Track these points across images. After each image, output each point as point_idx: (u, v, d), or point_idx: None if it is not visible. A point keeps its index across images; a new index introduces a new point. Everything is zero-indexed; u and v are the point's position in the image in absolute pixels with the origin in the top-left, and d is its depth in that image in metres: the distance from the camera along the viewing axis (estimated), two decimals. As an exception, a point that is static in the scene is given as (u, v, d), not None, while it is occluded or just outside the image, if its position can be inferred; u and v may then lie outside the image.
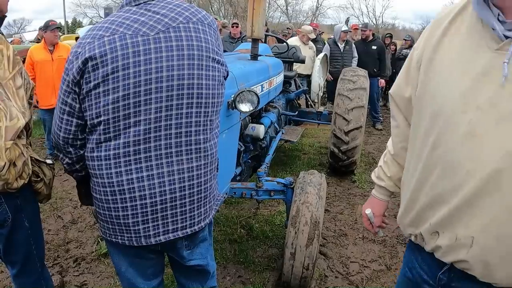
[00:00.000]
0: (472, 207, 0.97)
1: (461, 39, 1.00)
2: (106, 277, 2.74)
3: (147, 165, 1.29)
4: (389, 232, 3.50)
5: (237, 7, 26.62)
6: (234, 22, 7.48)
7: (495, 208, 0.93)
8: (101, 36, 1.24)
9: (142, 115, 1.26)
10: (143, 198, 1.30)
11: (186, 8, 1.34)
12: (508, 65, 0.87)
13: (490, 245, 0.97)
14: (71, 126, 1.32)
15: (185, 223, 1.39)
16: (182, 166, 1.33)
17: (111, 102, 1.23)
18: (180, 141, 1.32)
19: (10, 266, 1.70)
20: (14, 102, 1.38)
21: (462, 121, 0.95)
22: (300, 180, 2.57)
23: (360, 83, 4.55)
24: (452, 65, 1.00)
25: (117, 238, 1.38)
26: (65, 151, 1.38)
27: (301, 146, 6.10)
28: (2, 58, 1.38)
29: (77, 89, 1.26)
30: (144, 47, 1.24)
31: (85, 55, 1.22)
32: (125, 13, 1.30)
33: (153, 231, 1.35)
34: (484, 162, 0.92)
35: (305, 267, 2.31)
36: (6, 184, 1.40)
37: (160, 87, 1.25)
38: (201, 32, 1.32)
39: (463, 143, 0.95)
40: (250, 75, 2.81)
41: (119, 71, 1.22)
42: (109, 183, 1.30)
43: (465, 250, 1.01)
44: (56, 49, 4.83)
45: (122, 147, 1.27)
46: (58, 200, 3.93)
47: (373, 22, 34.91)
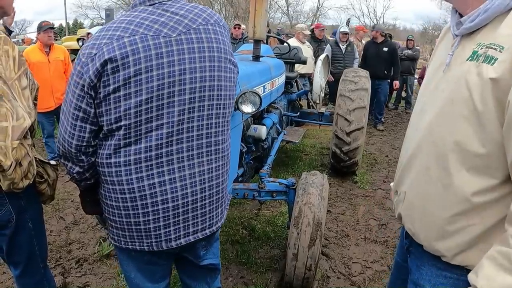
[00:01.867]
0: (409, 167, 1.20)
1: (443, 46, 1.23)
2: (109, 278, 2.74)
3: (169, 168, 1.27)
4: (391, 232, 3.49)
5: (238, 8, 26.64)
6: (236, 23, 7.49)
7: (417, 167, 1.15)
8: (119, 37, 1.17)
9: (165, 118, 1.23)
10: (165, 202, 1.29)
11: (203, 10, 1.35)
12: (452, 56, 1.08)
13: (413, 200, 1.18)
14: (85, 133, 1.24)
15: (205, 224, 1.40)
16: (203, 168, 1.33)
17: (133, 106, 1.18)
18: (202, 142, 1.32)
19: (13, 266, 1.70)
20: (20, 102, 1.38)
21: (420, 102, 1.23)
22: (302, 181, 2.57)
23: (362, 84, 4.55)
24: (431, 64, 1.25)
25: (134, 245, 1.35)
26: (76, 159, 1.30)
27: (303, 147, 6.10)
28: (8, 59, 1.38)
29: (92, 93, 1.18)
30: (167, 48, 1.21)
31: (104, 57, 1.14)
32: (141, 13, 1.25)
33: (174, 235, 1.34)
34: (418, 130, 1.16)
35: (307, 267, 2.31)
36: (12, 183, 1.40)
37: (184, 90, 1.24)
38: (218, 33, 1.33)
39: (416, 117, 1.22)
40: (252, 76, 2.81)
41: (142, 73, 1.17)
42: (129, 190, 1.26)
43: (401, 204, 1.24)
44: (52, 51, 4.71)
45: (143, 152, 1.23)
46: (60, 201, 3.93)
47: (373, 22, 34.87)
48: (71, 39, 10.01)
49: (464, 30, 1.04)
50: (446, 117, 1.04)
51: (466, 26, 1.03)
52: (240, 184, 2.75)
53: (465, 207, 1.02)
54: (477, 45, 1.00)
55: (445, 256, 1.09)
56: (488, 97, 0.93)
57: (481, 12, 0.99)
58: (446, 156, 1.04)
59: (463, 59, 1.02)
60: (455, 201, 1.03)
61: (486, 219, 1.01)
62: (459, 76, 1.01)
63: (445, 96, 1.05)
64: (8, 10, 1.55)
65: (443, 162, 1.05)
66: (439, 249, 1.10)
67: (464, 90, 0.98)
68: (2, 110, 1.30)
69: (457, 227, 1.04)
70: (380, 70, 7.05)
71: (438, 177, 1.07)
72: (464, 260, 1.06)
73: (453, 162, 1.02)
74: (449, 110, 1.03)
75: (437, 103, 1.08)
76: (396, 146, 6.39)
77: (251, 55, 3.37)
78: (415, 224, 1.17)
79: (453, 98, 1.02)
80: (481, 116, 0.95)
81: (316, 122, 5.40)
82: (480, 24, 1.00)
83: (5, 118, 1.30)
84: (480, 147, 0.97)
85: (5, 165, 1.31)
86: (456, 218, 1.04)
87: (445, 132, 1.04)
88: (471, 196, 1.00)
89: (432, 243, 1.11)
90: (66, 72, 4.87)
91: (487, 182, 0.98)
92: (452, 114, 1.02)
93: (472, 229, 1.03)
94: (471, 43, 1.03)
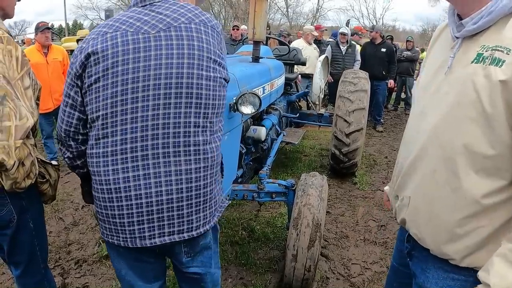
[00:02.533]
0: (413, 171, 1.18)
1: (438, 47, 1.23)
2: (108, 279, 2.74)
3: (143, 163, 1.28)
4: (391, 234, 3.50)
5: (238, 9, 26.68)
6: (235, 25, 7.50)
7: (423, 171, 1.13)
8: (104, 33, 1.29)
9: (140, 111, 1.26)
10: (138, 197, 1.28)
11: (189, 10, 1.35)
12: (453, 59, 1.07)
13: (419, 205, 1.16)
14: (73, 119, 1.34)
15: (182, 227, 1.35)
16: (180, 167, 1.31)
17: (109, 96, 1.25)
18: (178, 141, 1.30)
19: (13, 266, 1.71)
20: (22, 102, 1.39)
21: (419, 105, 1.20)
22: (301, 182, 2.58)
23: (361, 85, 4.55)
24: (428, 64, 1.25)
25: (113, 239, 1.36)
26: (66, 144, 1.40)
27: (302, 148, 6.11)
28: (11, 59, 1.39)
29: (79, 83, 1.30)
30: (145, 44, 1.27)
31: (87, 50, 1.26)
32: (131, 13, 1.35)
33: (148, 233, 1.32)
34: (421, 133, 1.14)
35: (306, 269, 2.31)
36: (15, 183, 1.41)
37: (158, 84, 1.26)
38: (203, 33, 1.33)
39: (416, 120, 1.20)
40: (252, 78, 2.81)
41: (118, 65, 1.25)
42: (106, 181, 1.29)
43: (405, 209, 1.22)
44: (50, 52, 4.67)
45: (119, 144, 1.27)
46: (59, 202, 3.93)
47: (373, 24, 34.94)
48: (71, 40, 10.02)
49: (466, 32, 1.04)
50: (453, 120, 1.03)
51: (468, 28, 1.02)
52: (239, 185, 2.76)
53: (474, 210, 1.02)
54: (482, 47, 0.99)
55: (454, 259, 1.09)
56: (497, 99, 0.93)
57: (484, 14, 0.98)
58: (454, 159, 1.03)
59: (467, 61, 1.02)
60: (464, 204, 1.03)
61: (495, 220, 1.01)
62: (464, 78, 1.01)
63: (451, 99, 1.04)
64: (10, 12, 1.56)
65: (451, 165, 1.04)
66: (447, 252, 1.09)
67: (471, 92, 0.98)
68: (5, 109, 1.31)
69: (466, 230, 1.04)
70: (378, 71, 7.06)
71: (446, 180, 1.06)
72: (473, 262, 1.06)
73: (462, 165, 1.02)
74: (456, 113, 1.02)
75: (441, 106, 1.07)
76: (396, 148, 6.40)
77: (251, 57, 3.37)
78: (421, 229, 1.16)
79: (460, 100, 1.01)
80: (490, 118, 0.95)
81: (315, 123, 5.41)
82: (483, 27, 1.00)
83: (8, 118, 1.31)
84: (489, 149, 0.97)
85: (8, 164, 1.31)
86: (465, 221, 1.04)
87: (453, 135, 1.03)
88: (481, 198, 1.00)
89: (440, 247, 1.10)
90: (64, 73, 4.82)
91: (496, 183, 0.99)
92: (459, 116, 1.01)
93: (481, 230, 1.03)
94: (474, 45, 1.02)
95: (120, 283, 1.57)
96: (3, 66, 1.34)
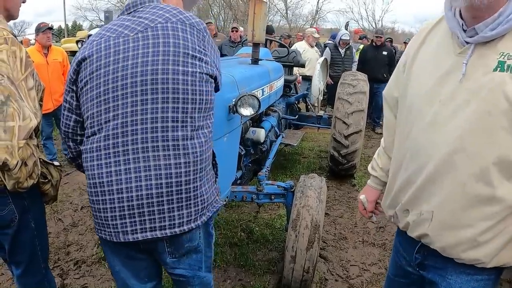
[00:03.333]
0: (433, 184, 1.13)
1: (433, 47, 1.18)
2: (107, 280, 2.75)
3: (124, 158, 1.32)
4: (389, 235, 3.51)
5: (237, 10, 26.72)
6: (234, 26, 7.50)
7: (451, 184, 1.09)
8: (92, 41, 1.41)
9: (120, 108, 1.32)
10: (120, 191, 1.31)
11: (167, 11, 1.39)
12: (466, 65, 1.04)
13: (445, 219, 1.12)
14: (70, 121, 1.46)
15: (164, 223, 1.34)
16: (159, 162, 1.31)
17: (95, 97, 1.35)
18: (156, 136, 1.31)
19: (14, 266, 1.71)
20: (26, 103, 1.40)
21: (428, 113, 1.13)
22: (300, 183, 2.59)
23: (360, 87, 4.57)
24: (424, 68, 1.18)
25: (101, 233, 1.40)
26: (67, 144, 1.54)
27: (301, 150, 6.12)
28: (16, 60, 1.40)
29: (74, 88, 1.42)
30: (124, 46, 1.35)
31: (78, 58, 1.39)
32: (117, 21, 1.45)
33: (130, 228, 1.33)
34: (441, 145, 1.09)
35: (305, 270, 2.32)
36: (17, 183, 1.42)
37: (135, 82, 1.31)
38: (179, 30, 1.35)
39: (427, 130, 1.13)
40: (251, 79, 2.83)
41: (101, 68, 1.34)
42: (92, 175, 1.36)
43: (427, 224, 1.16)
44: (50, 52, 4.70)
45: (103, 140, 1.34)
46: (58, 203, 3.93)
47: (372, 26, 35.02)
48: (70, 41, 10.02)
49: (481, 39, 1.02)
50: (482, 130, 1.01)
51: (485, 34, 1.00)
52: (238, 186, 2.76)
53: (506, 214, 1.05)
54: (501, 55, 0.99)
55: (483, 262, 1.10)
56: None
57: (503, 21, 0.97)
58: (488, 169, 1.02)
59: (488, 69, 1.00)
60: (497, 210, 1.04)
61: None
62: (490, 87, 0.99)
63: (474, 108, 1.02)
64: (15, 13, 1.56)
65: (483, 176, 1.03)
66: (477, 257, 1.10)
67: (503, 102, 0.97)
68: (9, 110, 1.32)
69: (495, 233, 1.07)
70: (379, 73, 7.08)
71: (478, 191, 1.05)
72: (500, 261, 1.10)
73: (496, 174, 1.02)
74: (486, 123, 1.00)
75: (462, 115, 1.04)
76: (394, 149, 6.41)
77: (250, 58, 3.38)
78: (447, 241, 1.13)
79: (490, 110, 0.99)
80: None
81: (314, 125, 5.43)
82: (501, 33, 0.99)
83: (12, 118, 1.32)
84: None
85: (11, 164, 1.32)
86: (496, 225, 1.06)
87: (484, 146, 1.02)
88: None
89: (470, 254, 1.10)
90: (64, 74, 4.83)
91: None
92: (490, 127, 1.00)
93: (508, 230, 1.06)
94: (490, 52, 1.01)
95: (114, 280, 1.57)
96: (7, 67, 1.35)
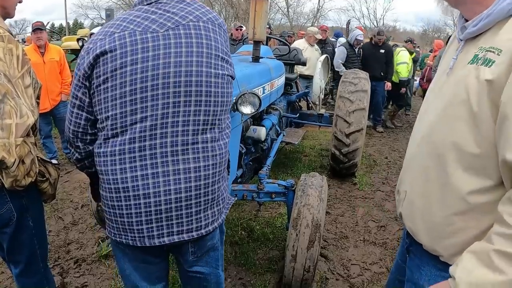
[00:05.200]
0: (408, 167, 1.25)
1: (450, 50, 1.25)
2: (107, 279, 2.74)
3: (152, 162, 1.27)
4: (390, 234, 3.50)
5: (238, 9, 26.67)
6: (239, 25, 7.49)
7: (417, 166, 1.18)
8: (111, 33, 1.28)
9: (149, 110, 1.25)
10: (146, 196, 1.28)
11: (196, 8, 1.35)
12: (455, 60, 1.12)
13: (413, 199, 1.19)
14: (81, 120, 1.34)
15: (191, 225, 1.35)
16: (189, 165, 1.30)
17: (118, 97, 1.25)
18: (187, 139, 1.30)
19: (13, 265, 1.71)
20: (23, 100, 1.39)
21: (424, 105, 1.26)
22: (301, 182, 2.57)
23: (361, 85, 4.55)
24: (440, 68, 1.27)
25: (121, 238, 1.36)
26: (74, 145, 1.40)
27: (302, 148, 6.11)
28: (12, 57, 1.40)
29: (87, 83, 1.29)
30: (153, 43, 1.26)
31: (96, 51, 1.25)
32: (137, 11, 1.34)
33: (157, 232, 1.32)
34: (418, 132, 1.21)
35: (306, 269, 2.31)
36: (15, 181, 1.41)
37: (168, 83, 1.25)
38: (210, 31, 1.33)
39: (419, 120, 1.26)
40: (252, 77, 2.81)
41: (127, 66, 1.24)
42: (113, 180, 1.29)
43: (401, 203, 1.26)
44: (47, 51, 4.61)
45: (127, 143, 1.27)
46: (59, 201, 3.93)
47: (374, 24, 34.95)
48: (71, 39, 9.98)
49: (467, 35, 1.07)
50: (445, 118, 1.07)
51: (469, 30, 1.06)
52: (239, 185, 2.75)
53: (461, 207, 1.04)
54: (479, 49, 1.02)
55: (442, 256, 1.12)
56: (483, 98, 0.96)
57: (483, 17, 1.01)
58: (444, 155, 1.06)
59: (465, 62, 1.05)
60: (452, 200, 1.06)
61: (482, 222, 1.02)
62: (459, 79, 1.04)
63: (447, 99, 1.08)
64: (11, 11, 1.56)
65: (441, 162, 1.08)
66: (437, 248, 1.12)
67: (463, 92, 1.01)
68: (6, 107, 1.31)
69: (454, 228, 1.07)
70: (377, 71, 7.04)
71: (437, 176, 1.09)
72: None
73: (451, 161, 1.05)
74: (449, 112, 1.06)
75: (438, 105, 1.12)
76: (395, 148, 6.40)
77: (251, 56, 3.37)
78: (415, 223, 1.19)
79: (452, 100, 1.05)
80: (477, 117, 0.98)
81: (315, 124, 5.41)
82: (482, 29, 1.03)
83: (9, 116, 1.31)
84: (475, 148, 0.99)
85: (9, 162, 1.32)
86: (454, 218, 1.06)
87: (444, 133, 1.07)
88: (467, 195, 1.02)
89: (432, 242, 1.13)
90: (61, 72, 4.79)
91: (483, 182, 1.00)
92: (451, 115, 1.05)
93: (469, 231, 1.05)
94: (473, 47, 1.05)
95: (123, 282, 1.57)
96: (3, 65, 1.35)
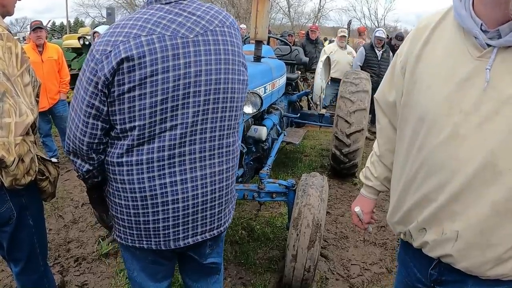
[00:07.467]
0: (457, 202, 1.03)
1: (443, 47, 1.05)
2: (107, 277, 2.74)
3: (180, 169, 1.28)
4: (390, 235, 3.50)
5: (239, 8, 26.68)
6: (240, 25, 7.49)
7: (479, 203, 1.00)
8: (136, 36, 1.15)
9: (179, 119, 1.23)
10: (175, 202, 1.29)
11: (219, 12, 1.35)
12: (490, 71, 0.93)
13: (474, 238, 1.03)
14: (97, 131, 1.22)
15: (214, 224, 1.41)
16: (214, 170, 1.34)
17: (148, 107, 1.17)
18: (214, 144, 1.33)
19: (13, 263, 1.71)
20: (22, 99, 1.39)
21: (447, 124, 1.01)
22: (302, 182, 2.57)
23: (363, 85, 4.55)
24: (435, 73, 1.05)
25: (141, 243, 1.35)
26: (87, 157, 1.28)
27: (303, 148, 6.10)
28: (11, 56, 1.39)
29: (106, 91, 1.16)
30: (184, 50, 1.20)
31: (120, 56, 1.12)
32: (157, 11, 1.22)
33: (182, 234, 1.35)
34: (468, 161, 0.98)
35: (306, 269, 2.31)
36: (15, 180, 1.41)
37: (199, 91, 1.24)
38: (233, 36, 1.33)
39: (448, 143, 1.01)
40: (253, 77, 2.81)
41: (158, 74, 1.15)
42: (139, 189, 1.26)
43: (450, 244, 1.07)
44: (45, 50, 4.58)
45: (156, 152, 1.23)
46: (59, 200, 3.93)
47: (375, 24, 34.92)
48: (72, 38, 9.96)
49: (507, 43, 0.92)
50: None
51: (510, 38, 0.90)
52: (240, 184, 2.75)
53: None
54: None
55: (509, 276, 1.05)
56: None
57: None
58: None
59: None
60: None
61: None
62: None
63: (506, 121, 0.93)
64: (10, 9, 1.56)
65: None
66: (504, 272, 1.05)
67: None
68: (5, 106, 1.30)
69: None
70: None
71: (511, 210, 0.98)
72: None
73: None
74: None
75: (492, 128, 0.95)
76: (396, 149, 6.38)
77: (252, 56, 3.37)
78: (474, 261, 1.06)
79: None
80: None
81: (316, 124, 5.41)
82: None
83: (8, 114, 1.31)
84: None
85: (8, 161, 1.31)
86: None
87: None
88: None
89: (497, 270, 1.05)
90: (60, 71, 4.79)
91: None
92: None
93: None
94: None
95: (130, 282, 1.60)
96: (2, 63, 1.34)
